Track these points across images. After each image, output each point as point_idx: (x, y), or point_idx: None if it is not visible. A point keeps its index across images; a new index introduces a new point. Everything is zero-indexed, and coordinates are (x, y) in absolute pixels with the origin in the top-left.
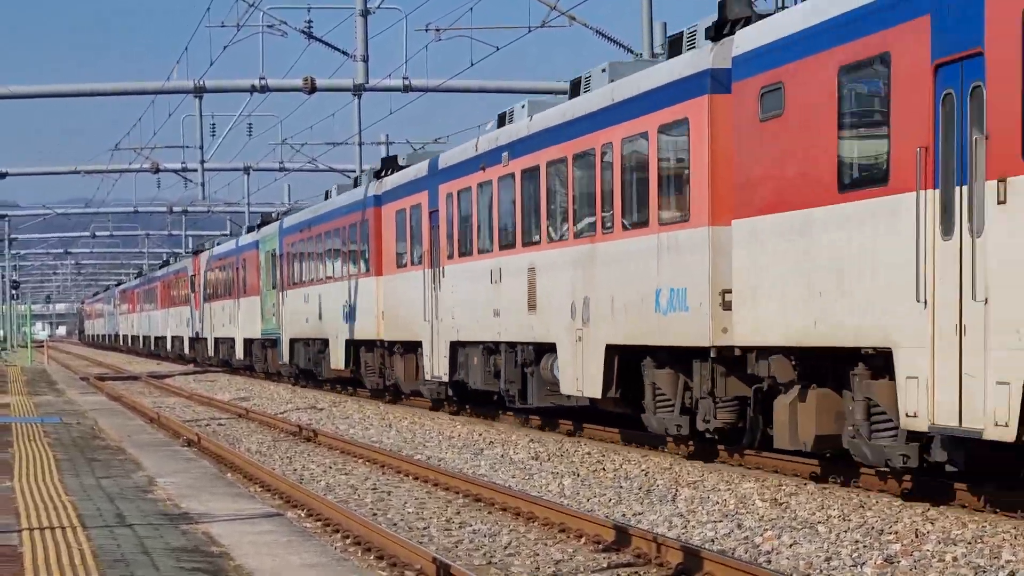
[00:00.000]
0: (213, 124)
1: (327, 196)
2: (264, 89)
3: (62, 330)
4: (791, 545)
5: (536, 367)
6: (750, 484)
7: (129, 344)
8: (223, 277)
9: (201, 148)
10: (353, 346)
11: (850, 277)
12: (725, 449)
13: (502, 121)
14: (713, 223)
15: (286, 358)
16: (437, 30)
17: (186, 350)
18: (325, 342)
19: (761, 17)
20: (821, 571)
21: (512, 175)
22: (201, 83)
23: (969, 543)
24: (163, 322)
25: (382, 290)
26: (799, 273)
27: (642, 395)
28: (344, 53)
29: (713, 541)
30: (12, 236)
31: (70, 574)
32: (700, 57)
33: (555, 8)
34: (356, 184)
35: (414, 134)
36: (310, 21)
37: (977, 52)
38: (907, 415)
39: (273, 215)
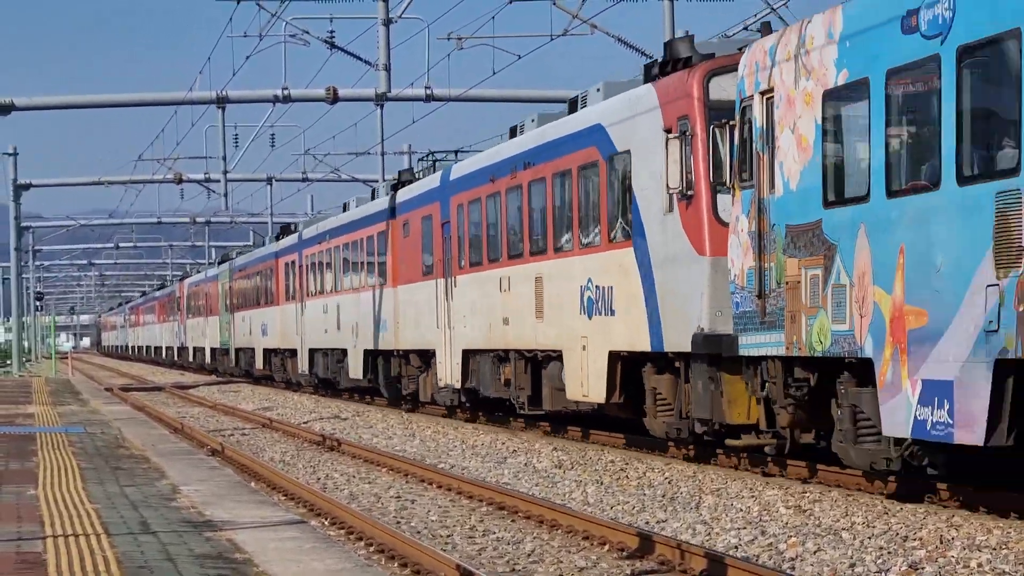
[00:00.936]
0: (236, 135)
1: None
2: (287, 99)
3: (86, 342)
4: (815, 552)
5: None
6: (774, 491)
7: (134, 353)
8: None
9: (224, 159)
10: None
11: None
12: (747, 456)
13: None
14: None
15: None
16: (459, 39)
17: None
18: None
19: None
20: None
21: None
22: (224, 93)
23: (994, 549)
24: (159, 334)
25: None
26: None
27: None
28: (366, 63)
29: (737, 548)
30: (36, 247)
31: None
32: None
33: (577, 16)
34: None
35: (437, 143)
36: (332, 31)
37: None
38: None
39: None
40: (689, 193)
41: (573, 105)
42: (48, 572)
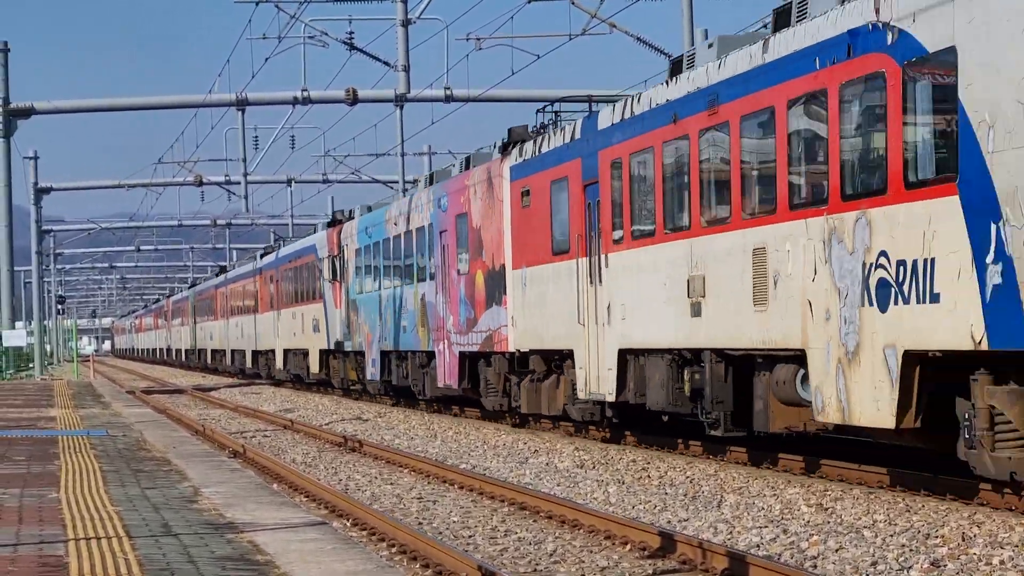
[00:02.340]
0: (256, 137)
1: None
2: (306, 101)
3: (108, 345)
4: (837, 550)
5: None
6: (795, 489)
7: (138, 355)
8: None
9: (244, 161)
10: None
11: None
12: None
13: (677, 69)
14: None
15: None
16: (478, 39)
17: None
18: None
19: None
20: (867, 575)
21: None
22: (243, 96)
23: (1016, 546)
24: (154, 339)
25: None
26: None
27: None
28: (386, 64)
29: (759, 546)
30: (57, 251)
31: None
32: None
33: (595, 16)
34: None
35: (457, 144)
36: (351, 32)
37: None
38: None
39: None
40: None
41: (677, 66)
42: (71, 575)
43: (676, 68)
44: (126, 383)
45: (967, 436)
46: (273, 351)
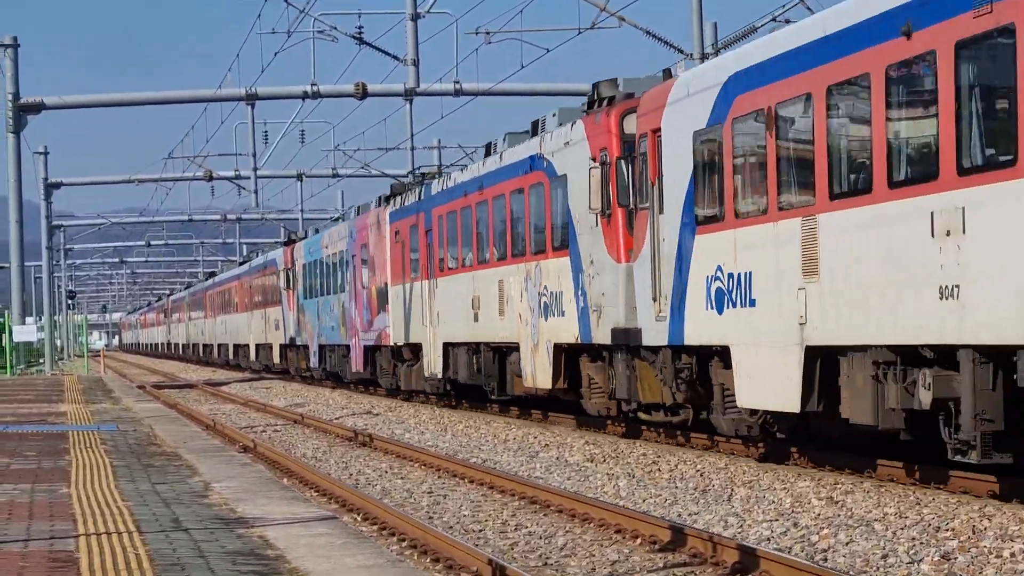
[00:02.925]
0: (265, 131)
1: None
2: (316, 95)
3: (116, 340)
4: (847, 543)
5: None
6: (806, 483)
7: (143, 349)
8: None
9: (254, 155)
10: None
11: None
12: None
13: (535, 130)
14: None
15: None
16: (487, 33)
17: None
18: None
19: None
20: (878, 569)
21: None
22: (253, 90)
23: None
24: (155, 334)
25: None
26: None
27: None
28: (395, 58)
29: (769, 540)
30: (68, 246)
31: None
32: None
33: (604, 9)
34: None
35: (467, 138)
36: (361, 26)
37: None
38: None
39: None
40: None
41: (535, 127)
42: (81, 570)
43: (534, 129)
44: (136, 378)
45: (583, 391)
46: (247, 345)
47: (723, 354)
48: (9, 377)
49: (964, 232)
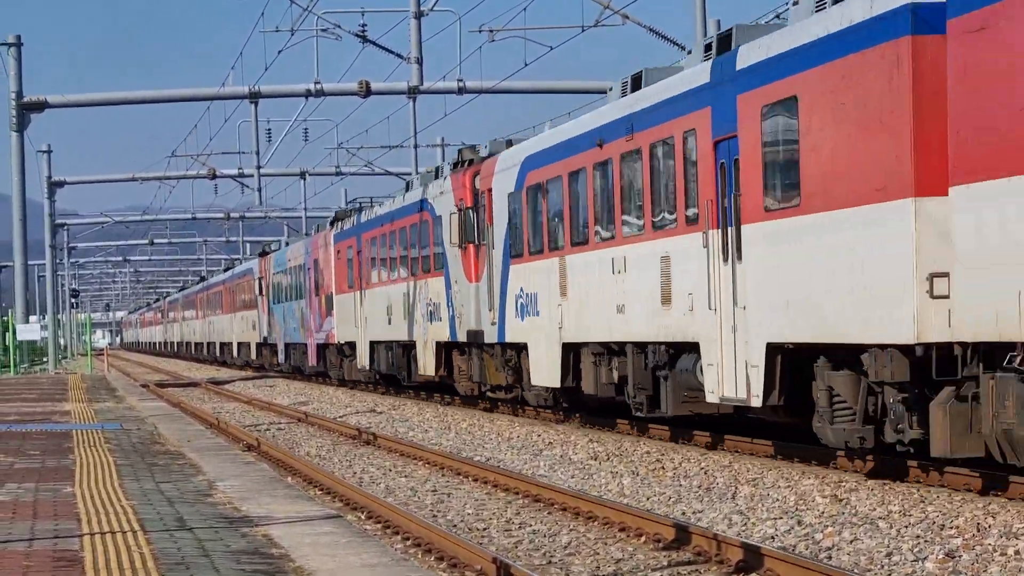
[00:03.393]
0: (269, 129)
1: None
2: (319, 93)
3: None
4: (852, 541)
5: None
6: (810, 481)
7: (143, 348)
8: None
9: (257, 153)
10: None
11: None
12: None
13: (437, 173)
14: None
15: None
16: (491, 31)
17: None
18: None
19: None
20: (882, 567)
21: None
22: (256, 88)
23: None
24: (153, 333)
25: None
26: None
27: None
28: (398, 56)
29: (773, 538)
30: (71, 245)
31: None
32: None
33: (608, 7)
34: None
35: (471, 136)
36: (364, 24)
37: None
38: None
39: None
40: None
41: (436, 171)
42: (85, 569)
43: (437, 172)
44: (140, 377)
45: (456, 377)
46: (231, 343)
47: (526, 348)
48: (13, 376)
49: (626, 270)
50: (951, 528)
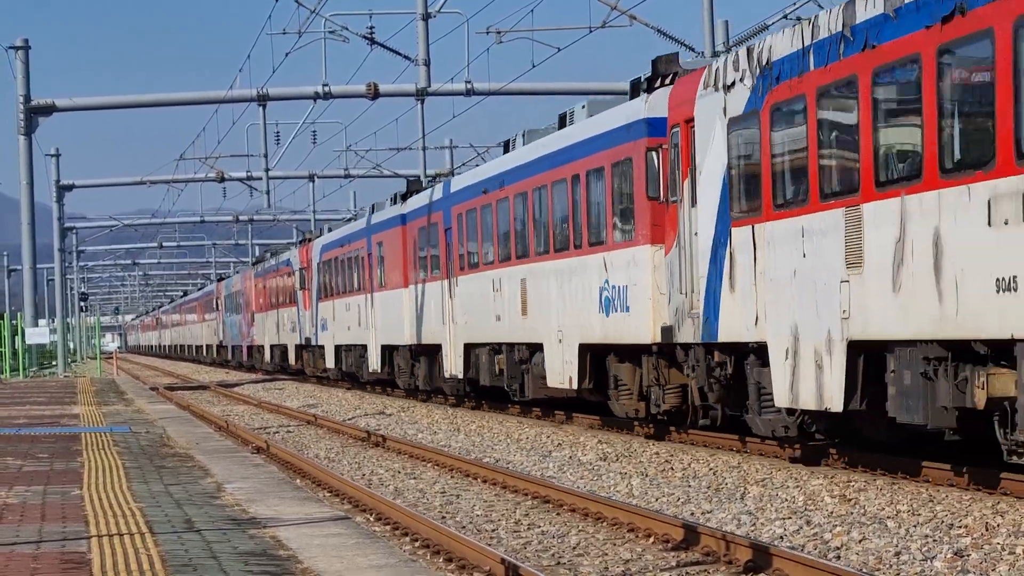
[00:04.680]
0: (277, 132)
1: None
2: (327, 96)
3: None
4: (860, 541)
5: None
6: (819, 481)
7: (143, 351)
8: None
9: (265, 156)
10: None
11: None
12: (802, 445)
13: (563, 122)
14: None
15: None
16: (498, 32)
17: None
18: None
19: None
20: (891, 566)
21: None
22: (264, 91)
23: None
24: (151, 337)
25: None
26: None
27: None
28: (406, 58)
29: (782, 538)
30: (80, 248)
31: None
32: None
33: (616, 8)
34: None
35: (479, 137)
36: (372, 27)
37: None
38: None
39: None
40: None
41: (562, 120)
42: (93, 571)
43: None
44: (149, 380)
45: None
46: (210, 345)
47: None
48: (22, 379)
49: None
50: (960, 527)
